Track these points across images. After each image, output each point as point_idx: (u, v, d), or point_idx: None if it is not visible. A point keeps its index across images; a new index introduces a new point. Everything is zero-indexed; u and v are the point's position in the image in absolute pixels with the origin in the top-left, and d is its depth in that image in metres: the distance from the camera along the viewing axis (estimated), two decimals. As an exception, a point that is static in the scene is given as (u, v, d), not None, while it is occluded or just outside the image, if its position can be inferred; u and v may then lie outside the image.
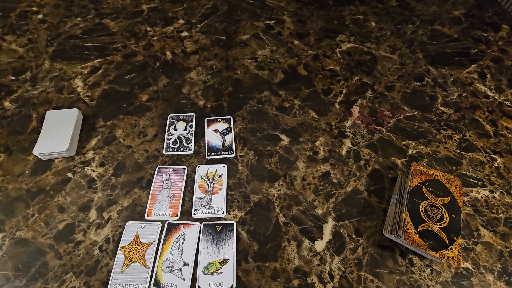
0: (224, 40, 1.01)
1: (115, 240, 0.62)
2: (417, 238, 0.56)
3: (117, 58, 0.95)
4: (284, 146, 0.77)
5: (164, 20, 1.06)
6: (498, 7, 1.16)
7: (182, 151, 0.75)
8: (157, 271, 0.59)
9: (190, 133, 0.78)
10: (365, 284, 0.59)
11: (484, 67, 0.96)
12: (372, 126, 0.81)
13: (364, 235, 0.64)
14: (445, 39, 1.04)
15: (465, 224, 0.66)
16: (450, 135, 0.80)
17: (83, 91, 0.86)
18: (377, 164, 0.75)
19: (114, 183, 0.70)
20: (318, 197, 0.69)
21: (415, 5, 1.16)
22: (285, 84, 0.90)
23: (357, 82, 0.91)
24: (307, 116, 0.83)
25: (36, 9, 1.09)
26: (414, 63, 0.96)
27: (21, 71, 0.91)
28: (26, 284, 0.57)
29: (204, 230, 0.63)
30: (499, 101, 0.88)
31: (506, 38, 1.05)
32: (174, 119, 0.81)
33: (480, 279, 0.60)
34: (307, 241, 0.63)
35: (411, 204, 0.60)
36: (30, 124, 0.79)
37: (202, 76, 0.91)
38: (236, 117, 0.82)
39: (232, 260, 0.60)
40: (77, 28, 1.03)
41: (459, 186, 0.63)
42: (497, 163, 0.76)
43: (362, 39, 1.03)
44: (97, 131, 0.78)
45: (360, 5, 1.15)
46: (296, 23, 1.07)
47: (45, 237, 0.63)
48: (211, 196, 0.68)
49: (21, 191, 0.69)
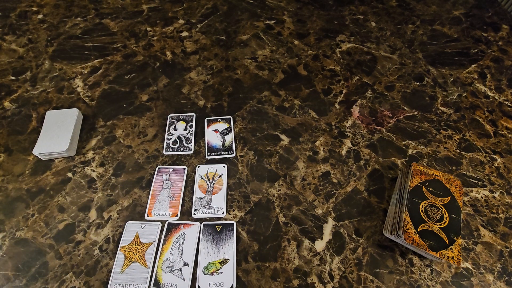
0: (224, 40, 1.01)
1: (115, 240, 0.62)
2: (417, 238, 0.56)
3: (117, 58, 0.95)
4: (284, 146, 0.77)
5: (164, 20, 1.06)
6: (498, 7, 1.16)
7: (182, 151, 0.75)
8: (157, 271, 0.59)
9: (190, 133, 0.78)
10: (365, 284, 0.59)
11: (484, 67, 0.96)
12: (372, 126, 0.81)
13: (364, 235, 0.64)
14: (445, 39, 1.04)
15: (465, 224, 0.66)
16: (450, 135, 0.80)
17: (83, 91, 0.86)
18: (377, 164, 0.75)
19: (114, 183, 0.70)
20: (318, 197, 0.69)
21: (415, 5, 1.16)
22: (285, 84, 0.90)
23: (357, 82, 0.91)
24: (307, 116, 0.83)
25: (36, 9, 1.09)
26: (414, 63, 0.96)
27: (21, 71, 0.91)
28: (26, 284, 0.57)
29: (204, 230, 0.63)
30: (499, 101, 0.88)
31: (506, 38, 1.05)
32: (174, 119, 0.81)
33: (480, 279, 0.60)
34: (307, 241, 0.63)
35: (411, 204, 0.60)
36: (30, 124, 0.79)
37: (202, 76, 0.91)
38: (236, 117, 0.82)
39: (232, 260, 0.60)
40: (77, 28, 1.03)
41: (459, 186, 0.63)
42: (497, 163, 0.76)
43: (362, 39, 1.03)
44: (97, 131, 0.78)
45: (360, 5, 1.15)
46: (296, 23, 1.07)
47: (45, 237, 0.63)
48: (211, 196, 0.68)
49: (21, 191, 0.69)
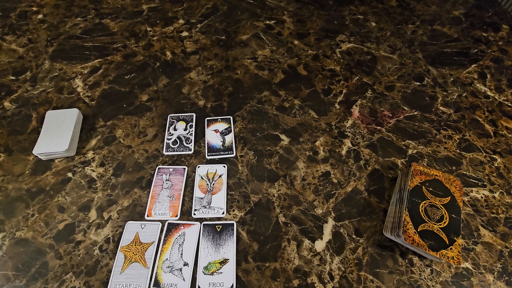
0: (224, 40, 1.01)
1: (115, 240, 0.62)
2: (417, 238, 0.56)
3: (117, 58, 0.95)
4: (284, 146, 0.77)
5: (164, 20, 1.06)
6: (498, 7, 1.16)
7: (182, 151, 0.75)
8: (157, 271, 0.59)
9: (190, 133, 0.78)
10: (365, 284, 0.59)
11: (484, 67, 0.96)
12: (372, 126, 0.81)
13: (364, 235, 0.64)
14: (445, 39, 1.04)
15: (465, 224, 0.66)
16: (450, 135, 0.80)
17: (83, 91, 0.86)
18: (377, 164, 0.75)
19: (114, 183, 0.70)
20: (318, 197, 0.69)
21: (415, 5, 1.16)
22: (285, 84, 0.90)
23: (357, 82, 0.91)
24: (307, 116, 0.83)
25: (36, 9, 1.09)
26: (414, 63, 0.96)
27: (21, 71, 0.91)
28: (26, 284, 0.57)
29: (204, 230, 0.63)
30: (499, 101, 0.88)
31: (506, 38, 1.05)
32: (174, 119, 0.81)
33: (480, 279, 0.60)
34: (307, 241, 0.63)
35: (411, 204, 0.60)
36: (30, 124, 0.79)
37: (202, 76, 0.91)
38: (236, 117, 0.82)
39: (232, 260, 0.60)
40: (77, 28, 1.03)
41: (459, 186, 0.63)
42: (497, 163, 0.76)
43: (362, 39, 1.03)
44: (97, 131, 0.78)
45: (360, 5, 1.15)
46: (296, 23, 1.07)
47: (45, 237, 0.63)
48: (211, 196, 0.68)
49: (21, 191, 0.69)
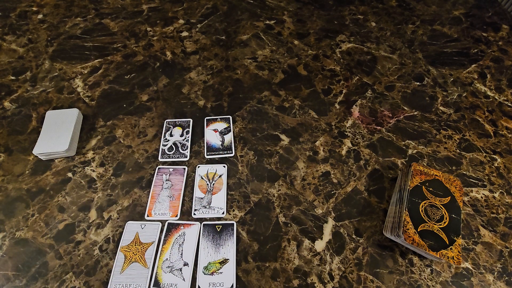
0: (224, 40, 1.01)
1: (115, 240, 0.62)
2: (417, 238, 0.56)
3: (117, 58, 0.95)
4: (284, 146, 0.77)
5: (164, 20, 1.06)
6: (498, 7, 1.16)
7: (178, 157, 0.74)
8: (157, 271, 0.59)
9: (186, 139, 0.77)
10: (365, 284, 0.59)
11: (484, 67, 0.96)
12: (372, 126, 0.81)
13: (364, 235, 0.64)
14: (445, 39, 1.04)
15: (465, 224, 0.66)
16: (450, 135, 0.80)
17: (83, 91, 0.86)
18: (377, 164, 0.75)
19: (114, 183, 0.70)
20: (318, 197, 0.69)
21: (415, 5, 1.16)
22: (285, 84, 0.90)
23: (357, 82, 0.91)
24: (307, 116, 0.83)
25: (36, 9, 1.09)
26: (414, 63, 0.96)
27: (21, 71, 0.91)
28: (26, 284, 0.57)
29: (204, 230, 0.63)
30: (499, 101, 0.88)
31: (506, 38, 1.05)
32: (170, 124, 0.79)
33: (480, 279, 0.60)
34: (307, 241, 0.63)
35: (411, 204, 0.60)
36: (30, 124, 0.79)
37: (202, 76, 0.91)
38: (236, 117, 0.82)
39: (232, 260, 0.60)
40: (77, 28, 1.03)
41: (459, 186, 0.63)
42: (497, 163, 0.76)
43: (362, 39, 1.03)
44: (97, 131, 0.78)
45: (360, 5, 1.15)
46: (296, 23, 1.07)
47: (45, 237, 0.63)
48: (211, 196, 0.68)
49: (21, 191, 0.69)
